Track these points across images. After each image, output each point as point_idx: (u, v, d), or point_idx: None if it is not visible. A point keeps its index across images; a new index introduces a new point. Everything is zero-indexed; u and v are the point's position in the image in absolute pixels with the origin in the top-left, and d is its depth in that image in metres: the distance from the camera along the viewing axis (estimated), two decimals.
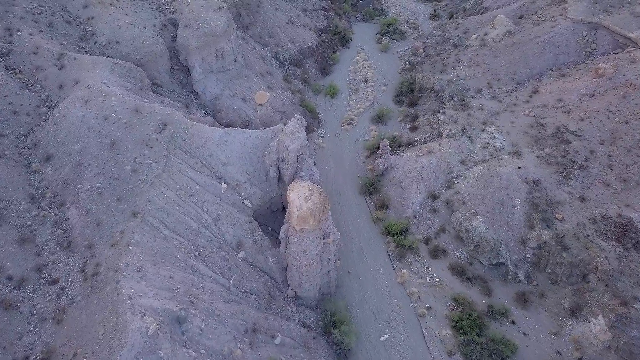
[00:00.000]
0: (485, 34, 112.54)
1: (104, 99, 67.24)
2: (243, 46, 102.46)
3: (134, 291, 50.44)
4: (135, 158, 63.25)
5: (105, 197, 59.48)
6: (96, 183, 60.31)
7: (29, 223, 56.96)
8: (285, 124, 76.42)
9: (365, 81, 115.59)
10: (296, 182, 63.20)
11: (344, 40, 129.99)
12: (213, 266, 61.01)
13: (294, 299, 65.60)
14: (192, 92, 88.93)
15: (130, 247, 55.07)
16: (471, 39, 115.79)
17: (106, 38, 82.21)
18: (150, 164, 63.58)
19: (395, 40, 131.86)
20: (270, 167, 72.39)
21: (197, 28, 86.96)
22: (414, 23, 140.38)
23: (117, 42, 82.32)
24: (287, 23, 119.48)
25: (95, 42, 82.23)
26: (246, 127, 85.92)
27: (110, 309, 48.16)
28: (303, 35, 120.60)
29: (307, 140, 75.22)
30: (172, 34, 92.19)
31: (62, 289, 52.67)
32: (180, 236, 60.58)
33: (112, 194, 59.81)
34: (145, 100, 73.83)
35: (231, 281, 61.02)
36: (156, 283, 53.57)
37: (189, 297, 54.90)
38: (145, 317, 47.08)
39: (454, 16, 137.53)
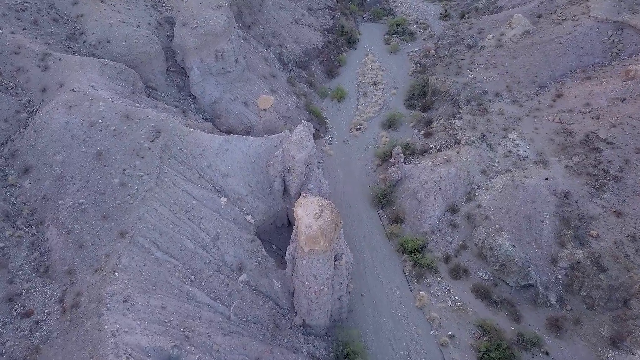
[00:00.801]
0: (502, 34, 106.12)
1: (90, 103, 60.46)
2: (244, 47, 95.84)
3: (119, 326, 43.52)
4: (124, 170, 56.43)
5: (90, 215, 52.60)
6: (79, 199, 53.45)
7: (1, 245, 50.06)
8: (291, 131, 69.63)
9: (374, 84, 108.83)
10: (304, 197, 56.33)
11: (351, 41, 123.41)
12: (211, 292, 54.10)
13: (302, 327, 58.68)
14: (190, 95, 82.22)
15: (117, 273, 48.16)
16: (486, 39, 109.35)
17: (96, 37, 75.54)
18: (142, 176, 56.75)
19: (404, 41, 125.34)
20: (275, 178, 65.57)
21: (195, 27, 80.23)
22: (424, 23, 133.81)
23: (108, 42, 75.66)
24: (291, 22, 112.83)
25: (85, 42, 75.55)
26: (248, 133, 79.11)
27: (90, 350, 41.25)
28: (308, 35, 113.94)
29: (315, 148, 68.30)
30: (168, 33, 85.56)
31: (37, 323, 45.75)
32: (174, 258, 53.72)
33: (97, 211, 52.93)
34: (137, 105, 67.08)
35: (232, 309, 54.11)
36: (145, 315, 46.64)
37: (183, 331, 47.97)
38: None
39: (466, 16, 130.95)
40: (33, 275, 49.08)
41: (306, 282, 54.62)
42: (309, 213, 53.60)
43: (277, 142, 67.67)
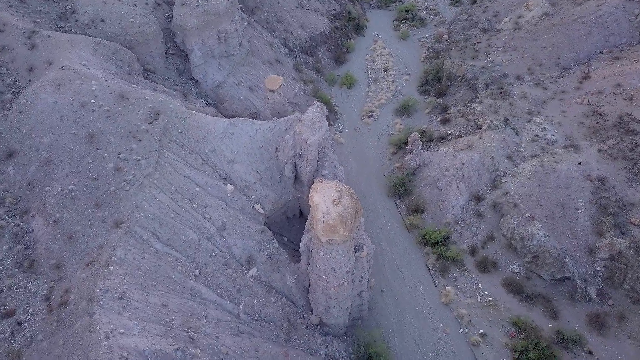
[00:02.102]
0: (519, 17, 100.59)
1: (81, 82, 54.75)
2: (248, 31, 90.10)
3: (114, 327, 37.69)
4: (119, 153, 50.67)
5: (80, 203, 46.79)
6: (69, 185, 47.65)
7: None
8: (301, 114, 63.86)
9: (385, 70, 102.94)
10: (320, 182, 50.45)
11: (359, 28, 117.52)
12: (218, 288, 48.26)
13: (319, 326, 52.80)
14: (191, 79, 76.49)
15: (111, 267, 42.32)
16: (503, 22, 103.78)
17: (89, 16, 69.79)
18: (139, 160, 50.98)
19: (414, 28, 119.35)
20: (285, 164, 59.83)
21: (196, 6, 74.43)
22: (434, 9, 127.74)
23: (102, 21, 69.96)
24: (297, 7, 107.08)
25: (76, 21, 69.83)
26: (254, 119, 73.19)
27: (79, 354, 35.40)
28: (314, 20, 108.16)
29: (329, 131, 62.58)
30: (167, 14, 79.79)
31: (19, 324, 39.89)
32: (176, 251, 47.90)
33: (89, 199, 47.13)
34: (133, 85, 61.32)
35: (241, 307, 48.29)
36: (144, 314, 40.80)
37: (187, 331, 42.13)
38: None
39: (478, 0, 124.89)
40: (16, 270, 43.21)
41: (324, 276, 48.80)
42: (326, 199, 47.80)
43: (287, 126, 61.94)
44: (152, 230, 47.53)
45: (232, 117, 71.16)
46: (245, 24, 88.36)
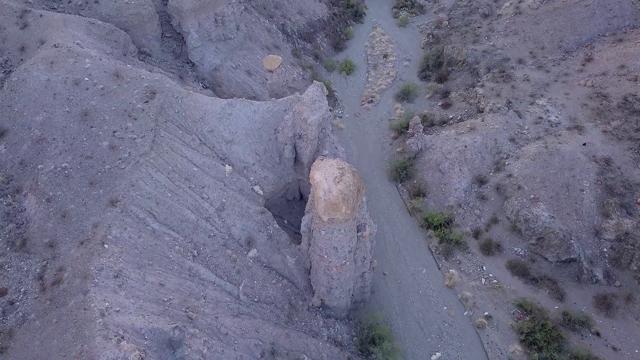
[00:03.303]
0: (520, 1, 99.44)
1: (75, 60, 53.24)
2: (246, 16, 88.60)
3: (109, 305, 36.31)
4: (114, 132, 49.20)
5: (74, 181, 45.34)
6: (62, 163, 46.19)
7: None
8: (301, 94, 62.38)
9: (385, 56, 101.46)
10: (321, 159, 49.04)
11: (358, 15, 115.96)
12: (217, 269, 46.91)
13: (320, 308, 51.49)
14: (188, 62, 74.99)
15: (106, 245, 40.93)
16: (503, 7, 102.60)
17: None
18: (134, 139, 49.52)
19: (414, 14, 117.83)
20: (285, 145, 58.45)
21: None
22: None
23: (96, 2, 68.45)
24: None
25: (70, 2, 68.27)
26: None
27: (73, 332, 34.01)
28: (312, 6, 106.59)
29: (329, 112, 61.17)
30: None
31: (11, 303, 38.48)
32: (173, 231, 46.50)
33: (83, 177, 45.68)
34: (129, 65, 59.74)
35: (241, 288, 46.97)
36: (141, 293, 39.43)
37: (185, 311, 40.79)
38: (122, 343, 32.94)
39: None
40: (8, 249, 41.76)
41: (325, 256, 47.46)
42: (327, 177, 46.38)
43: (287, 106, 60.48)
44: (149, 209, 46.12)
45: None
46: (243, 8, 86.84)
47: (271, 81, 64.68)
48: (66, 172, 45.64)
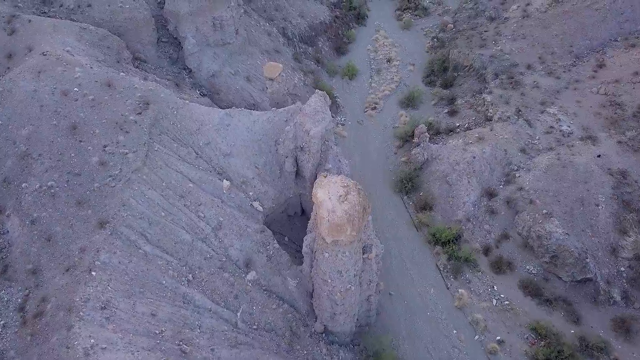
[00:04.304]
0: (527, 4, 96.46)
1: (64, 69, 50.24)
2: (245, 20, 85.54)
3: (95, 342, 33.41)
4: (104, 146, 46.22)
5: (61, 201, 42.38)
6: (48, 181, 43.22)
7: None
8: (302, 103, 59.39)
9: (389, 60, 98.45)
10: (324, 177, 46.06)
11: (360, 17, 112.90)
12: (213, 294, 43.98)
13: (323, 334, 48.56)
14: (185, 69, 72.08)
15: (94, 272, 38.00)
16: (510, 10, 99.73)
17: (74, 0, 65.18)
18: (126, 154, 46.56)
19: (417, 17, 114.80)
20: (286, 158, 55.47)
21: None
22: None
23: (89, 6, 65.44)
24: None
25: (61, 6, 65.23)
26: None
27: None
28: (314, 9, 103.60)
29: (333, 122, 58.24)
30: (158, 0, 75.17)
31: None
32: (167, 253, 43.56)
33: (70, 196, 42.73)
34: (122, 73, 56.76)
35: (238, 314, 44.02)
36: (130, 326, 36.49)
37: (179, 344, 37.88)
38: None
39: None
40: None
41: (329, 280, 44.53)
42: (331, 195, 43.38)
43: (288, 117, 57.49)
44: (141, 230, 43.18)
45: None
46: (242, 11, 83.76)
47: (272, 90, 61.69)
48: (52, 191, 42.69)
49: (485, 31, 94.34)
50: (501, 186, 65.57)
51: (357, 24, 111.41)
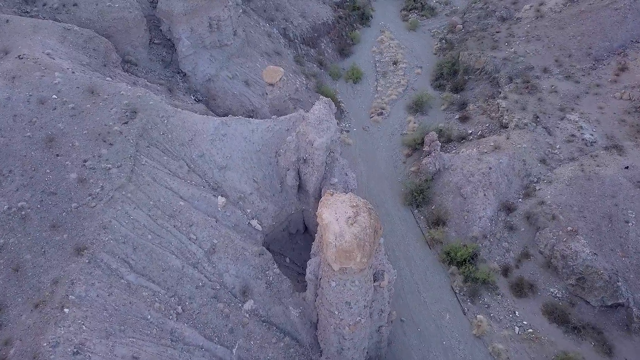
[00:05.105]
0: (541, 4, 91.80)
1: (42, 74, 45.37)
2: (244, 20, 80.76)
3: None
4: (85, 161, 41.34)
5: (33, 224, 37.45)
6: (19, 201, 38.29)
7: None
8: (306, 111, 54.49)
9: (395, 63, 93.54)
10: (331, 195, 41.06)
11: (364, 18, 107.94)
12: (205, 328, 39.00)
13: None
14: (178, 72, 67.22)
15: (66, 310, 33.07)
16: (523, 10, 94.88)
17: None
18: (109, 169, 41.65)
19: (424, 18, 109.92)
20: (287, 171, 50.55)
21: None
22: None
23: (75, 5, 60.73)
24: None
25: (44, 5, 60.49)
26: (251, 117, 63.88)
27: None
28: (316, 9, 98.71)
29: (339, 132, 53.34)
30: None
31: None
32: (153, 282, 38.61)
33: (44, 218, 37.81)
34: (108, 79, 51.93)
35: (234, 351, 39.05)
36: None
37: None
38: None
39: None
40: None
41: (336, 312, 39.54)
42: (339, 217, 38.37)
43: (289, 125, 52.67)
44: (124, 257, 38.24)
45: (224, 116, 61.84)
46: (241, 10, 78.86)
47: (272, 95, 56.78)
48: (23, 212, 37.75)
49: (497, 32, 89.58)
50: (520, 200, 60.61)
51: (361, 25, 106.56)
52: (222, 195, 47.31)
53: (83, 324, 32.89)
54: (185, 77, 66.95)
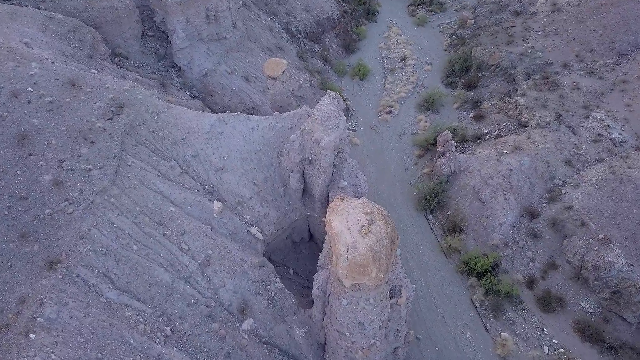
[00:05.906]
0: None
1: (17, 64, 40.50)
2: (244, 13, 76.11)
3: None
4: (61, 161, 36.43)
5: None
6: None
7: None
8: (311, 107, 49.59)
9: (403, 59, 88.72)
10: (341, 200, 36.10)
11: (370, 13, 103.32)
12: (198, 352, 34.01)
13: None
14: (173, 66, 62.42)
15: (32, 335, 28.11)
16: (538, 3, 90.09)
17: None
18: (90, 170, 36.75)
19: (433, 12, 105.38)
20: (291, 173, 45.59)
21: None
22: None
23: None
24: None
25: None
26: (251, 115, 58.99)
27: None
28: (320, 3, 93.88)
29: (347, 130, 48.43)
30: None
31: None
32: (138, 300, 33.66)
33: (12, 227, 32.86)
34: (93, 71, 47.05)
35: None
36: None
37: None
38: None
39: None
40: None
41: (347, 334, 34.60)
42: (351, 225, 33.45)
43: (293, 123, 47.75)
44: (104, 271, 33.31)
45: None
46: (241, 2, 74.10)
47: (273, 90, 51.90)
48: None
49: (511, 27, 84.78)
50: (544, 204, 55.63)
51: (367, 20, 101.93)
52: (218, 200, 42.33)
53: (52, 352, 27.92)
54: (180, 72, 62.14)
